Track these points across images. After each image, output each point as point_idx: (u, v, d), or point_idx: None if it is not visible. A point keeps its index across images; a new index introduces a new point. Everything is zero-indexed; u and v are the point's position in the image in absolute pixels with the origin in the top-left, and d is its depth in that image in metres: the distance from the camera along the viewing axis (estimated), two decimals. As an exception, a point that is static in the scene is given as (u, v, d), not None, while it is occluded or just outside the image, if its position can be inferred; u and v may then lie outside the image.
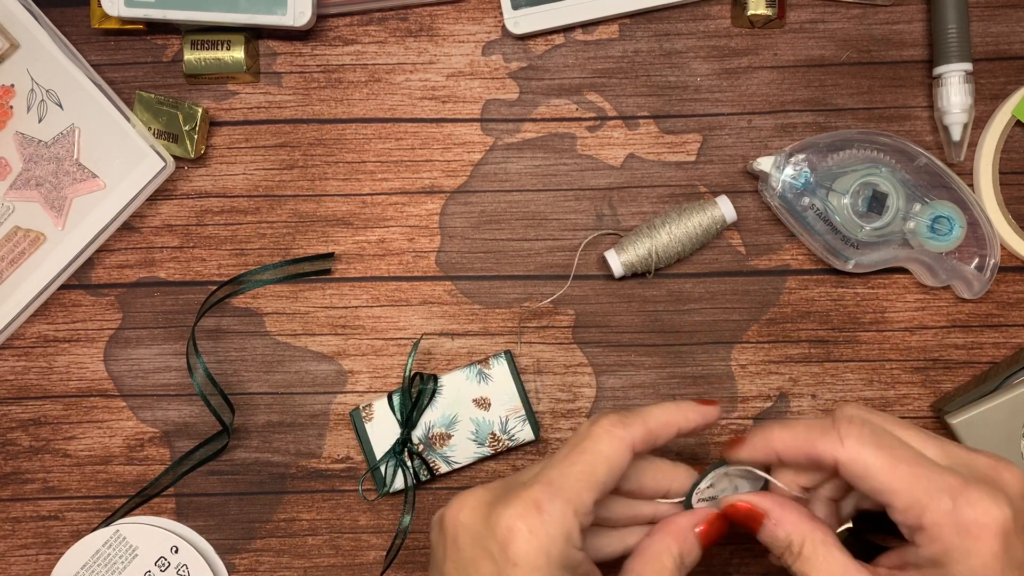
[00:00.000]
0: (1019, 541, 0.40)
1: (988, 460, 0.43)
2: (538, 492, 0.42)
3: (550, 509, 0.41)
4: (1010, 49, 0.62)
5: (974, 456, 0.43)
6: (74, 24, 0.64)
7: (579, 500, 0.42)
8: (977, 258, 0.60)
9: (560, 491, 0.42)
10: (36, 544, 0.63)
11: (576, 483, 0.42)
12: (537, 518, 0.41)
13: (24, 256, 0.61)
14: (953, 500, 0.40)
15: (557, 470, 0.43)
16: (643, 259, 0.60)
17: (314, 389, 0.63)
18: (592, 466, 0.43)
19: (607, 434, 0.44)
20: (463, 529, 0.42)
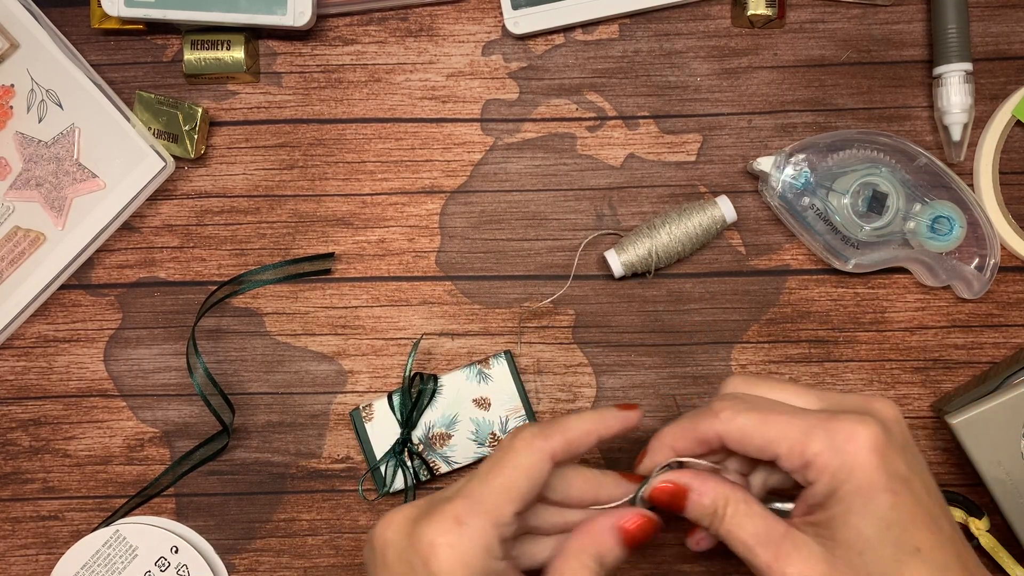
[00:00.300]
0: (897, 457, 0.43)
1: (860, 396, 0.46)
2: (458, 507, 0.43)
3: (469, 523, 0.42)
4: (1010, 49, 0.62)
5: (847, 396, 0.47)
6: (74, 24, 0.64)
7: (499, 513, 0.43)
8: (977, 258, 0.60)
9: (479, 505, 0.43)
10: (36, 544, 0.63)
11: (496, 497, 0.43)
12: (456, 532, 0.42)
13: (24, 256, 0.61)
14: (826, 430, 0.43)
15: (478, 485, 0.44)
16: (643, 259, 0.60)
17: (314, 389, 0.63)
18: (511, 479, 0.44)
19: (526, 447, 0.45)
20: (390, 546, 0.44)
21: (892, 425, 0.44)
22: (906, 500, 0.42)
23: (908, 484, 0.43)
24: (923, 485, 0.44)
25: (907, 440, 0.45)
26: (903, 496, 0.42)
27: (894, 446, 0.43)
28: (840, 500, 0.43)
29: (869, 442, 0.43)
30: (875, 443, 0.43)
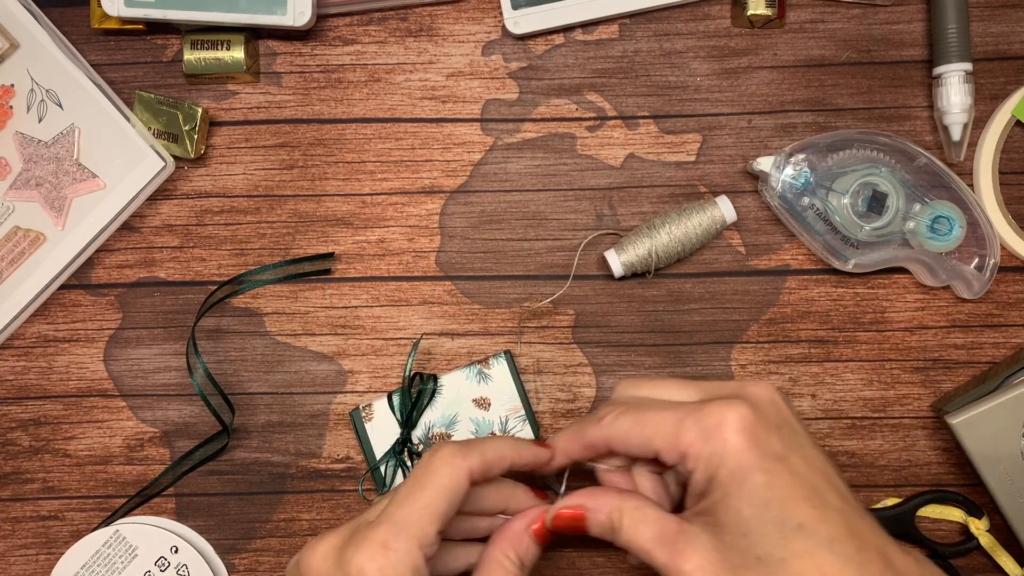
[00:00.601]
0: (770, 435, 0.44)
1: (736, 382, 0.47)
2: (384, 533, 0.44)
3: (396, 547, 0.44)
4: (1010, 49, 0.62)
5: (725, 384, 0.48)
6: (74, 24, 0.64)
7: (423, 534, 0.44)
8: (977, 258, 0.60)
9: (405, 529, 0.44)
10: (36, 544, 0.63)
11: (419, 519, 0.45)
12: (385, 558, 0.43)
13: (24, 256, 0.61)
14: (696, 419, 0.44)
15: (401, 508, 0.45)
16: (643, 259, 0.60)
17: (314, 389, 0.63)
18: (433, 500, 0.45)
19: (446, 465, 0.46)
20: (316, 574, 0.45)
21: (764, 405, 0.45)
22: (782, 477, 0.43)
23: (784, 461, 0.43)
24: (803, 460, 0.44)
25: (783, 418, 0.45)
26: (778, 474, 0.43)
27: (766, 425, 0.44)
28: (718, 486, 0.43)
29: (737, 424, 0.43)
30: (743, 424, 0.44)
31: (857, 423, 0.62)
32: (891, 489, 0.61)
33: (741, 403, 0.44)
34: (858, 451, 0.62)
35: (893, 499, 0.61)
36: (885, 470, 0.62)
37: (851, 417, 0.62)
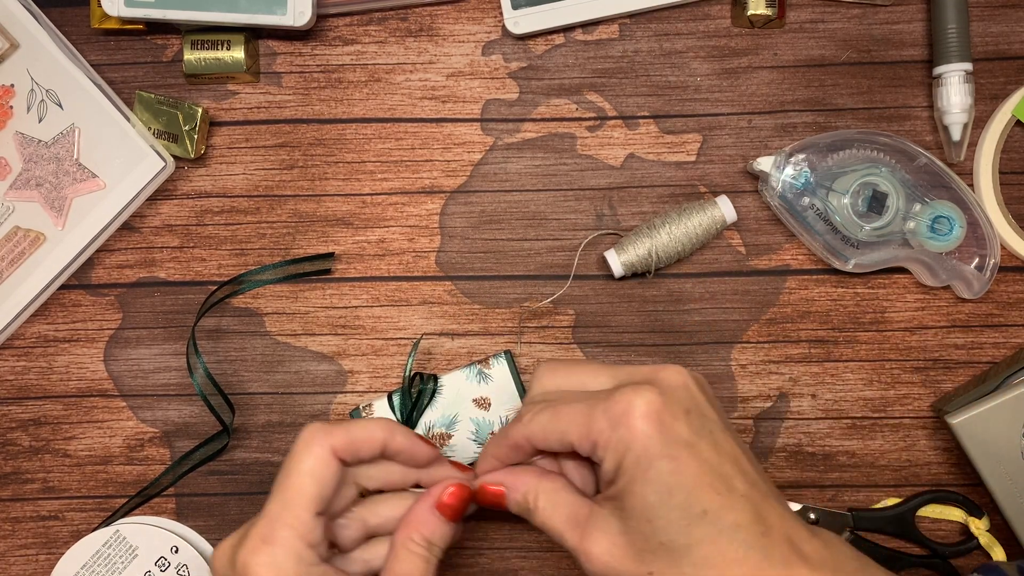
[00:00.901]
0: (677, 422, 0.43)
1: (649, 367, 0.46)
2: (261, 527, 0.45)
3: (273, 539, 0.45)
4: (1010, 49, 0.62)
5: (639, 368, 0.47)
6: (74, 24, 0.64)
7: (299, 521, 0.45)
8: (977, 258, 0.60)
9: (279, 520, 0.45)
10: (36, 544, 0.63)
11: (291, 508, 0.45)
12: (266, 551, 0.44)
13: (24, 256, 0.61)
14: (604, 408, 0.44)
15: (274, 501, 0.46)
16: (643, 259, 0.60)
17: (314, 389, 0.63)
18: (300, 487, 0.46)
19: (306, 448, 0.46)
20: (218, 574, 0.46)
21: (675, 390, 0.45)
22: (688, 464, 0.43)
23: (691, 448, 0.43)
24: (712, 446, 0.44)
25: (694, 403, 0.45)
26: (684, 460, 0.43)
27: (673, 411, 0.44)
28: (624, 472, 0.43)
29: (643, 410, 0.43)
30: (649, 410, 0.43)
31: (857, 423, 0.62)
32: (891, 489, 0.62)
33: (649, 389, 0.44)
34: (858, 451, 0.62)
35: (893, 499, 0.61)
36: (885, 470, 0.62)
37: (851, 417, 0.62)
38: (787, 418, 0.62)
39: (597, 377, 0.48)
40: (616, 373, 0.47)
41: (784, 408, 0.62)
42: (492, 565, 0.62)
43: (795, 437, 0.62)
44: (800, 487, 0.62)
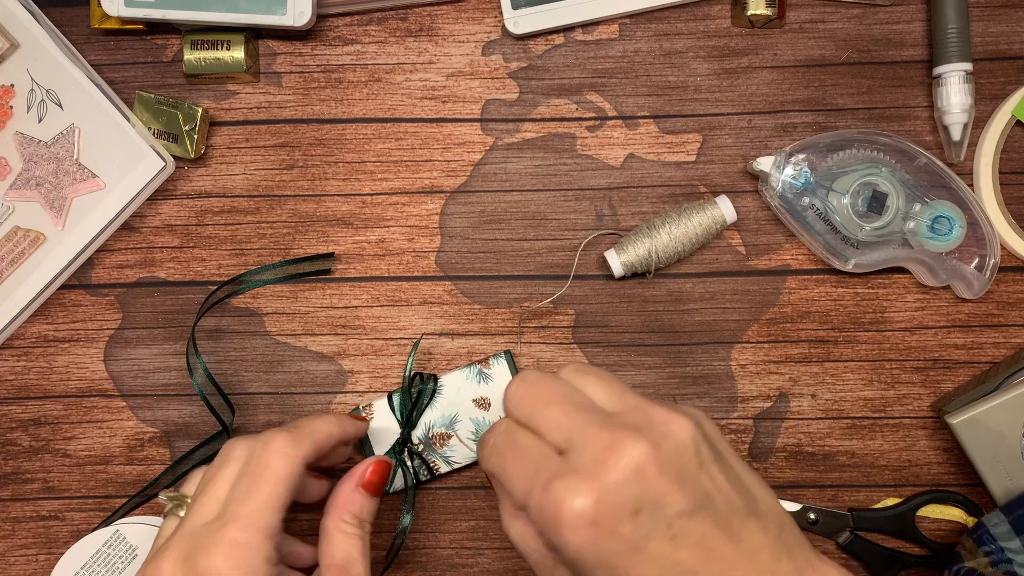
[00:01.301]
0: (624, 524, 0.39)
1: (618, 435, 0.40)
2: (233, 531, 0.45)
3: (246, 542, 0.45)
4: (1010, 49, 0.62)
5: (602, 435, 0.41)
6: (74, 24, 0.64)
7: (268, 525, 0.46)
8: (977, 258, 0.60)
9: (251, 524, 0.46)
10: (36, 544, 0.63)
11: (262, 511, 0.46)
12: (237, 554, 0.45)
13: (24, 256, 0.61)
14: (536, 502, 0.40)
15: (244, 504, 0.46)
16: (643, 259, 0.60)
17: (314, 389, 0.63)
18: (273, 492, 0.47)
19: (281, 456, 0.48)
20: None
21: (623, 485, 0.39)
22: (631, 570, 0.39)
23: (636, 551, 0.39)
24: (668, 540, 0.39)
25: (651, 493, 0.39)
26: (624, 569, 0.39)
27: (615, 515, 0.39)
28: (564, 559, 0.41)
29: (573, 522, 0.39)
30: (580, 522, 0.39)
31: (857, 423, 0.62)
32: (891, 489, 0.62)
33: (585, 489, 0.39)
34: (858, 451, 0.62)
35: (893, 499, 0.61)
36: (885, 470, 0.62)
37: (851, 417, 0.62)
38: (787, 418, 0.62)
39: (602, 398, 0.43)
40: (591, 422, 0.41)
41: (784, 408, 0.62)
42: (492, 565, 0.62)
43: (795, 437, 0.62)
44: (800, 487, 0.62)
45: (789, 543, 0.41)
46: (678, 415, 0.41)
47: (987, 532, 0.53)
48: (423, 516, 0.62)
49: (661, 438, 0.40)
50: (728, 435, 0.62)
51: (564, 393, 0.43)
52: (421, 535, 0.62)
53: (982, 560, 0.53)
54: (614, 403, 0.43)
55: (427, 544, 0.62)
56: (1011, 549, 0.52)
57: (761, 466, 0.62)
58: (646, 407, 0.42)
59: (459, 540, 0.62)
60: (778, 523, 0.41)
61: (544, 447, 0.42)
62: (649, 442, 0.40)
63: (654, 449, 0.40)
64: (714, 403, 0.62)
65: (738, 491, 0.41)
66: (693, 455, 0.40)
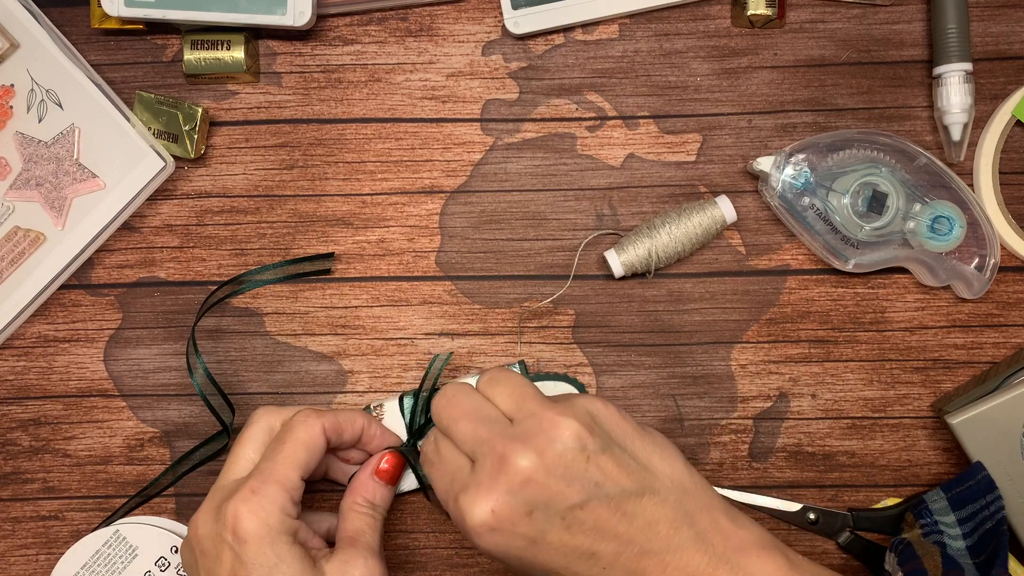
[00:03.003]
0: (521, 523, 0.46)
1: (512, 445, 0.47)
2: (253, 481, 0.50)
3: (263, 491, 0.50)
4: (1010, 49, 0.62)
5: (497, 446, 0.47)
6: (74, 24, 0.64)
7: (287, 478, 0.51)
8: (977, 258, 0.60)
9: (270, 475, 0.51)
10: (36, 544, 0.63)
11: (283, 466, 0.51)
12: (255, 499, 0.49)
13: (24, 256, 0.61)
14: (453, 508, 0.48)
15: (267, 461, 0.52)
16: (643, 259, 0.60)
17: (314, 389, 0.63)
18: (293, 451, 0.52)
19: (302, 423, 0.53)
20: (204, 537, 0.50)
21: (520, 490, 0.46)
22: (536, 555, 0.47)
23: (535, 543, 0.46)
24: (564, 530, 0.46)
25: (543, 495, 0.46)
26: (529, 555, 0.47)
27: (512, 518, 0.46)
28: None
29: (477, 529, 0.47)
30: (482, 529, 0.47)
31: (857, 423, 0.62)
32: (891, 489, 0.62)
33: (484, 499, 0.46)
34: (858, 451, 0.62)
35: (893, 499, 0.61)
36: (885, 470, 0.62)
37: (851, 417, 0.62)
38: (787, 418, 0.62)
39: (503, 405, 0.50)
40: (490, 436, 0.47)
41: (784, 408, 0.62)
42: (492, 565, 0.62)
43: (795, 437, 0.62)
44: (800, 487, 0.62)
45: (690, 511, 0.46)
46: (564, 417, 0.46)
47: (926, 507, 0.57)
48: (423, 516, 0.62)
49: (547, 443, 0.46)
50: (728, 435, 0.62)
51: (472, 407, 0.49)
52: (421, 535, 0.62)
53: (916, 532, 0.56)
54: (514, 410, 0.48)
55: (427, 544, 0.62)
56: (944, 523, 0.56)
57: (761, 466, 0.62)
58: (538, 412, 0.47)
59: (459, 540, 0.62)
60: (679, 494, 0.46)
61: (459, 458, 0.49)
62: (534, 451, 0.46)
63: (539, 456, 0.45)
64: (714, 403, 0.62)
65: (629, 473, 0.46)
66: (578, 452, 0.46)
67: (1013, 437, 0.56)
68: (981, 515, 0.54)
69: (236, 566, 0.49)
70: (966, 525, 0.55)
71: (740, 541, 0.46)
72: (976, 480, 0.55)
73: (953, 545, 0.55)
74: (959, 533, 0.55)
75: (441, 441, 0.50)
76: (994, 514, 0.54)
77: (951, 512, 0.56)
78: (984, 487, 0.55)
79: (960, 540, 0.55)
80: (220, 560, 0.49)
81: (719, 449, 0.62)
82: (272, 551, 0.49)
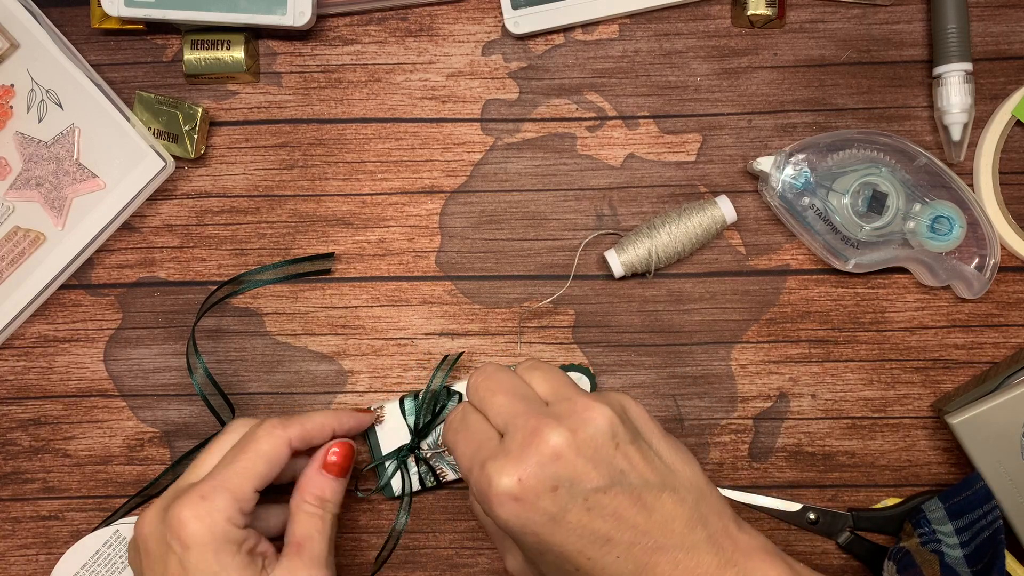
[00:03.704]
0: (544, 499, 0.45)
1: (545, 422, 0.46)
2: (203, 487, 0.50)
3: (212, 497, 0.49)
4: (1010, 49, 0.62)
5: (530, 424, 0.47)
6: (74, 24, 0.64)
7: (240, 490, 0.50)
8: (977, 258, 0.60)
9: (223, 483, 0.50)
10: (36, 544, 0.63)
11: (238, 477, 0.50)
12: (202, 505, 0.49)
13: (24, 256, 0.61)
14: (474, 480, 0.47)
15: (223, 467, 0.51)
16: (643, 259, 0.60)
17: (314, 389, 0.63)
18: (252, 463, 0.51)
19: (268, 435, 0.52)
20: (150, 537, 0.50)
21: (547, 465, 0.46)
22: (553, 535, 0.46)
23: (555, 521, 0.46)
24: (584, 511, 0.46)
25: (569, 472, 0.46)
26: (547, 534, 0.46)
27: (537, 490, 0.46)
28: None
29: (500, 497, 0.46)
30: (505, 497, 0.46)
31: (857, 423, 0.62)
32: (891, 489, 0.62)
33: (511, 469, 0.45)
34: (858, 451, 0.62)
35: (893, 499, 0.61)
36: (885, 470, 0.62)
37: (851, 417, 0.62)
38: (787, 418, 0.62)
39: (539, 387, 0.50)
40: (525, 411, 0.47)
41: (784, 408, 0.62)
42: (492, 565, 0.62)
43: (795, 437, 0.62)
44: (800, 487, 0.62)
45: (704, 513, 0.46)
46: (599, 403, 0.47)
47: (924, 517, 0.57)
48: (423, 516, 0.62)
49: (580, 424, 0.46)
50: (728, 435, 0.62)
51: (511, 385, 0.49)
52: (421, 535, 0.62)
53: (914, 541, 0.57)
54: (550, 394, 0.49)
55: (427, 544, 0.62)
56: (942, 532, 0.56)
57: (761, 466, 0.62)
58: (574, 397, 0.48)
59: (459, 540, 0.62)
60: (696, 496, 0.47)
61: (489, 429, 0.48)
62: (567, 428, 0.46)
63: (571, 435, 0.45)
64: (714, 403, 0.62)
65: (653, 468, 0.46)
66: (609, 438, 0.46)
67: (1013, 437, 0.56)
68: (979, 524, 0.55)
69: (179, 571, 0.48)
70: (964, 534, 0.56)
71: (746, 546, 0.46)
72: (973, 490, 0.56)
73: (951, 554, 0.55)
74: (957, 542, 0.56)
75: (471, 413, 0.50)
76: (991, 523, 0.54)
77: (949, 522, 0.56)
78: (981, 497, 0.55)
79: (958, 549, 0.55)
80: (165, 563, 0.49)
81: (719, 449, 0.62)
82: (215, 559, 0.48)
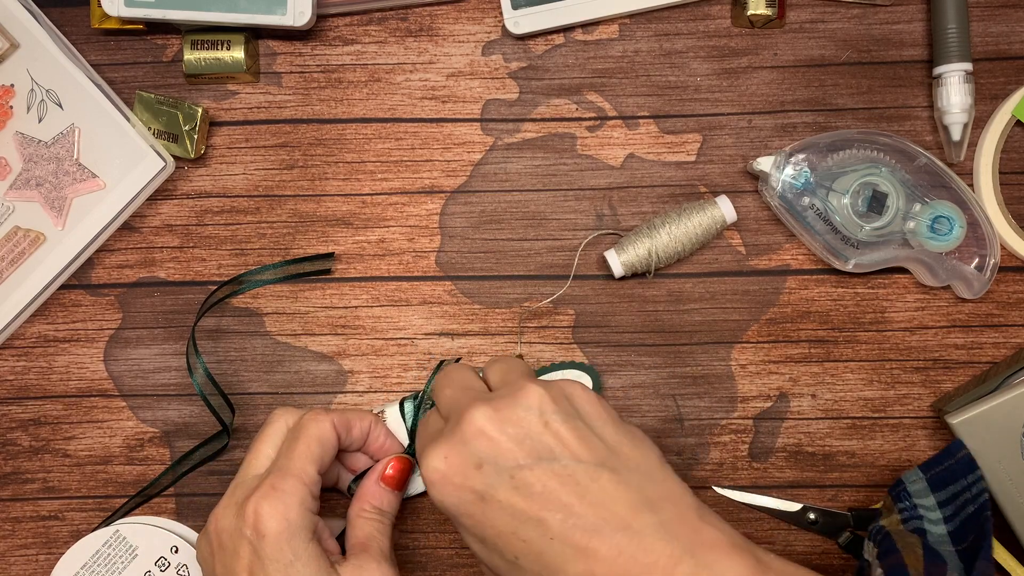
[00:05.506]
0: (471, 478, 0.46)
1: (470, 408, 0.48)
2: (272, 478, 0.51)
3: (283, 486, 0.51)
4: (1010, 49, 0.62)
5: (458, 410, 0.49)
6: (74, 24, 0.64)
7: (304, 472, 0.52)
8: (977, 258, 0.60)
9: (288, 471, 0.51)
10: (36, 544, 0.63)
11: (299, 462, 0.52)
12: (275, 495, 0.50)
13: (24, 256, 0.61)
14: (422, 465, 0.48)
15: (283, 458, 0.53)
16: (643, 259, 0.60)
17: (314, 389, 0.63)
18: (307, 446, 0.53)
19: (313, 420, 0.54)
20: (224, 532, 0.51)
21: (469, 442, 0.47)
22: (486, 516, 0.47)
23: (485, 500, 0.47)
24: (512, 491, 0.46)
25: (490, 449, 0.47)
26: (480, 515, 0.47)
27: (463, 470, 0.47)
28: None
29: (430, 479, 0.48)
30: (435, 478, 0.48)
31: (857, 423, 0.62)
32: (891, 489, 0.62)
33: (437, 450, 0.47)
34: (858, 451, 0.62)
35: (893, 499, 0.61)
36: (885, 470, 0.62)
37: (851, 417, 0.62)
38: (787, 418, 0.62)
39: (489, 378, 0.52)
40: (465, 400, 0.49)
41: (784, 408, 0.62)
42: (492, 565, 0.62)
43: (795, 437, 0.62)
44: (800, 487, 0.62)
45: (652, 498, 0.45)
46: (533, 384, 0.47)
47: (904, 489, 0.55)
48: (423, 516, 0.62)
49: (508, 405, 0.47)
50: (728, 435, 0.62)
51: (459, 379, 0.51)
52: (421, 535, 0.62)
53: (895, 518, 0.55)
54: (498, 383, 0.51)
55: (427, 544, 0.62)
56: (924, 506, 0.54)
57: (761, 466, 0.62)
58: (517, 382, 0.48)
59: (459, 540, 0.62)
60: (642, 479, 0.46)
61: (438, 421, 0.51)
62: (492, 408, 0.47)
63: (495, 413, 0.46)
64: (714, 403, 0.62)
65: (589, 447, 0.46)
66: (536, 416, 0.46)
67: (1013, 437, 0.56)
68: (963, 497, 0.52)
69: (254, 561, 0.49)
70: (947, 508, 0.53)
71: (710, 538, 0.44)
72: (955, 459, 0.54)
73: (934, 531, 0.52)
74: (940, 517, 0.53)
75: (431, 412, 0.53)
76: (976, 496, 0.51)
77: (931, 494, 0.54)
78: (964, 467, 0.53)
79: (941, 525, 0.52)
80: (238, 555, 0.50)
81: (719, 449, 0.62)
82: (289, 547, 0.49)
